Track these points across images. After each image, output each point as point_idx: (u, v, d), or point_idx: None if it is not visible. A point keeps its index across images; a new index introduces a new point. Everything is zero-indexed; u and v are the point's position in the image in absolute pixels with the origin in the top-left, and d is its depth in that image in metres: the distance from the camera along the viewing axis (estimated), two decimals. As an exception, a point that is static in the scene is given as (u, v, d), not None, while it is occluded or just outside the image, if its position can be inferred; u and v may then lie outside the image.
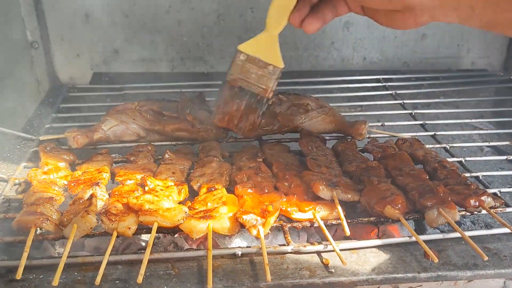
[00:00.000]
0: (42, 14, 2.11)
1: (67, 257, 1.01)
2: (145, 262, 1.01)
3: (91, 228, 1.08)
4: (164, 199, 1.17)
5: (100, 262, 1.00)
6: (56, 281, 0.94)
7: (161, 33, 2.24)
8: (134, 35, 2.22)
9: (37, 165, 1.39)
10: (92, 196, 1.15)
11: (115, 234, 1.09)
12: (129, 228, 1.09)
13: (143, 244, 1.30)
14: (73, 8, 2.12)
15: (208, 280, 0.97)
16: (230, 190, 1.26)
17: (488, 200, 1.22)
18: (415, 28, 0.98)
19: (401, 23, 0.97)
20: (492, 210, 1.21)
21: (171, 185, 1.25)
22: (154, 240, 1.08)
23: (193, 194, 1.27)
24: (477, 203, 1.20)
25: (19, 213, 1.13)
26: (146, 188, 1.23)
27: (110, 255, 1.04)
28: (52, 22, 2.13)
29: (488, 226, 1.42)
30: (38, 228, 1.09)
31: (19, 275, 0.98)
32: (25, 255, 1.01)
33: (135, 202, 1.13)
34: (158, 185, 1.24)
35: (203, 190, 1.23)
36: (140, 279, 0.96)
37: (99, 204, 1.16)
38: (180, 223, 1.11)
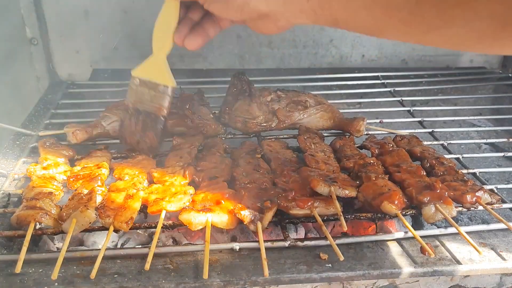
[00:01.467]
0: (42, 10, 2.11)
1: (66, 251, 1.02)
2: (152, 249, 1.03)
3: (90, 222, 1.09)
4: (170, 186, 1.23)
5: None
6: (55, 275, 0.95)
7: (161, 29, 2.24)
8: (133, 32, 2.22)
9: (36, 161, 1.40)
10: (91, 191, 1.16)
11: (111, 229, 1.09)
12: (126, 223, 1.10)
13: (143, 239, 1.30)
14: (72, 4, 2.12)
15: (204, 271, 0.98)
16: (230, 185, 1.26)
17: (484, 196, 1.23)
18: (278, 32, 1.06)
19: (265, 29, 1.06)
20: (488, 206, 1.22)
21: (177, 171, 1.30)
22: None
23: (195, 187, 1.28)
24: (473, 199, 1.21)
25: (19, 207, 1.14)
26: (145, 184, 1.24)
27: (108, 249, 1.05)
28: (51, 18, 2.14)
29: (485, 223, 1.43)
30: (37, 223, 1.09)
31: (18, 269, 0.98)
32: (24, 249, 1.02)
33: (143, 195, 1.18)
34: (164, 174, 1.29)
35: (204, 184, 1.24)
36: (147, 266, 0.99)
37: (98, 199, 1.16)
38: (186, 206, 1.14)
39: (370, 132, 1.64)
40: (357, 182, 1.30)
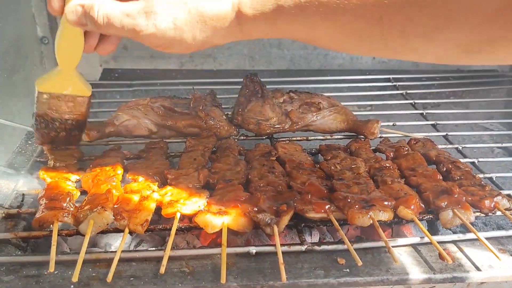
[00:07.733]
0: (52, 9, 2.10)
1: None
2: (167, 252, 1.02)
3: (107, 224, 1.08)
4: (185, 189, 1.21)
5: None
6: (75, 277, 0.94)
7: (171, 29, 2.23)
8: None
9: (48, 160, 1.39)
10: (108, 191, 1.14)
11: (126, 231, 1.08)
12: (141, 225, 1.09)
13: (156, 241, 1.30)
14: (83, 3, 2.11)
15: (222, 275, 0.97)
16: (245, 187, 1.25)
17: (503, 202, 1.22)
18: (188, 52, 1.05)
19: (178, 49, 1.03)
20: (507, 212, 1.20)
21: (190, 173, 1.29)
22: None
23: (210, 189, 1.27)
24: (492, 205, 1.20)
25: (38, 209, 1.12)
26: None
27: (123, 251, 1.04)
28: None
29: (500, 228, 1.41)
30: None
31: (51, 267, 0.97)
32: (54, 248, 1.00)
33: (157, 197, 1.17)
34: (178, 176, 1.28)
35: (219, 186, 1.23)
36: (162, 270, 0.98)
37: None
38: (201, 210, 1.13)
39: (383, 135, 1.63)
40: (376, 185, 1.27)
